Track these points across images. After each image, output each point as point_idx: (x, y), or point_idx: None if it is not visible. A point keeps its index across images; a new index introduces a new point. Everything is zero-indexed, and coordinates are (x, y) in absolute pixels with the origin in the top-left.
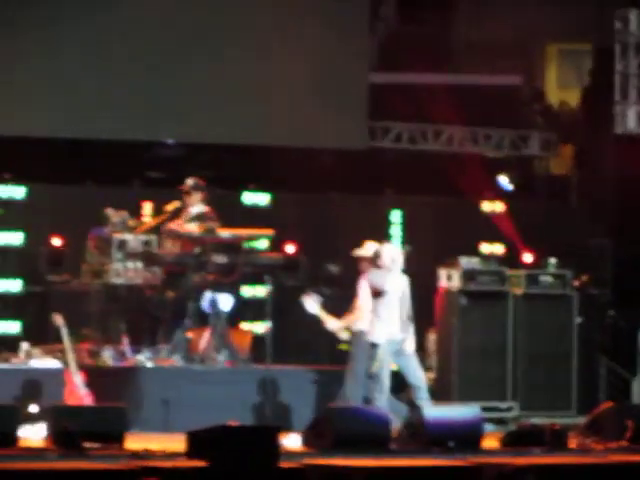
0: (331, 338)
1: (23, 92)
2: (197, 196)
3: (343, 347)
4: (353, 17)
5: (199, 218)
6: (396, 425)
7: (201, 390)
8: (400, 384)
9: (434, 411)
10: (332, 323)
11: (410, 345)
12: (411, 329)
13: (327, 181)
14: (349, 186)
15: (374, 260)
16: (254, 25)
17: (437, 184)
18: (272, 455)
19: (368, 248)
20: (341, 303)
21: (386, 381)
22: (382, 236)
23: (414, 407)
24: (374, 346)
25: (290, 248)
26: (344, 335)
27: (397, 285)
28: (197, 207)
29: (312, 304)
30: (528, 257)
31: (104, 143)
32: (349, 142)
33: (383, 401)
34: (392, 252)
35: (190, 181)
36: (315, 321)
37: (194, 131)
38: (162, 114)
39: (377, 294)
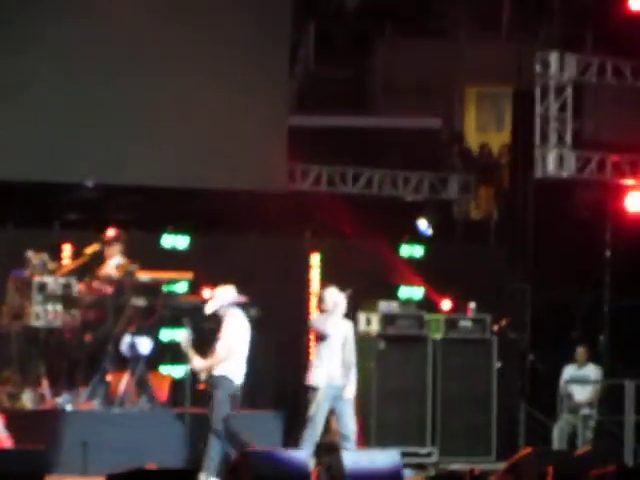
0: (253, 381)
1: None
2: (117, 247)
3: (201, 387)
4: (273, 59)
5: (118, 267)
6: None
7: (120, 433)
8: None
9: (354, 457)
10: (196, 362)
11: (349, 391)
12: (352, 375)
13: (246, 223)
14: (268, 228)
15: (318, 303)
16: (175, 66)
17: (356, 227)
18: None
19: (220, 295)
20: (260, 346)
21: (319, 425)
22: (302, 279)
23: (334, 452)
24: (314, 389)
25: (207, 292)
26: (203, 376)
27: (339, 329)
28: (116, 258)
29: (184, 340)
30: (446, 302)
31: (24, 185)
32: (268, 184)
33: (311, 444)
34: (335, 296)
35: (111, 232)
36: None
37: (113, 173)
38: (81, 156)
39: (320, 337)
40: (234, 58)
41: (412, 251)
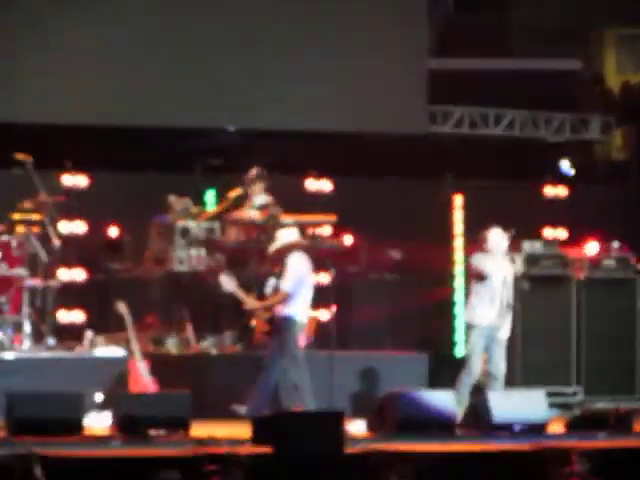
0: (392, 323)
1: (85, 81)
2: (260, 186)
3: (254, 324)
4: (412, 2)
5: (262, 208)
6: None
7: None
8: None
9: (499, 396)
10: (251, 303)
11: (504, 333)
12: (509, 316)
13: (388, 166)
14: (410, 171)
15: (480, 244)
16: (317, 12)
17: (498, 168)
18: (337, 441)
19: (284, 236)
20: (403, 288)
21: (476, 364)
22: (445, 221)
23: (480, 392)
24: (471, 327)
25: (348, 238)
26: (264, 316)
27: (500, 270)
28: (260, 197)
29: (229, 283)
30: (590, 243)
31: (165, 131)
32: (410, 127)
33: (468, 385)
34: (497, 236)
35: (254, 170)
36: (379, 307)
37: (255, 118)
38: (223, 101)
39: (479, 277)
40: (372, 2)
41: (555, 192)
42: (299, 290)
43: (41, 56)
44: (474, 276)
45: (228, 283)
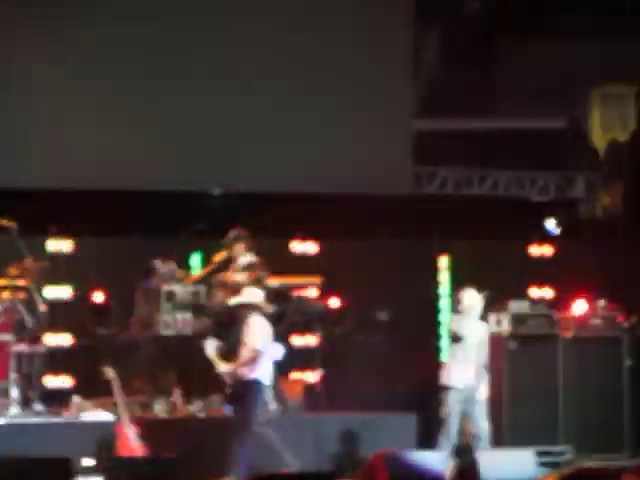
0: (384, 384)
1: (68, 144)
2: (241, 246)
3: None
4: (396, 64)
5: (248, 268)
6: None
7: (252, 440)
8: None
9: (488, 456)
10: (222, 367)
11: (482, 392)
12: (485, 376)
13: (374, 227)
14: (396, 232)
15: (454, 305)
16: (301, 75)
17: (483, 228)
18: None
19: (248, 295)
20: (391, 350)
21: (453, 427)
22: (430, 282)
23: (468, 453)
24: (447, 389)
25: (334, 301)
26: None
27: (475, 330)
28: (244, 258)
29: (210, 347)
30: (577, 302)
31: (149, 194)
32: (395, 188)
33: (447, 445)
34: (472, 297)
35: (232, 233)
36: (366, 368)
37: (239, 181)
38: (207, 165)
39: (454, 339)
40: (357, 63)
41: (541, 251)
42: (266, 352)
43: (24, 121)
44: (450, 337)
45: (209, 347)
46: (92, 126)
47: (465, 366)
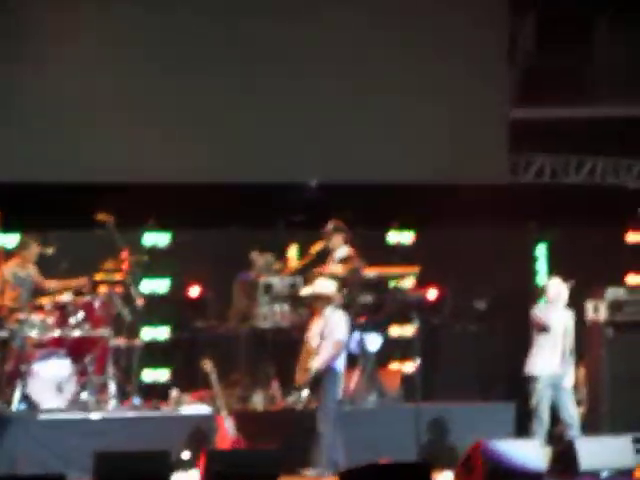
0: (481, 373)
1: (168, 138)
2: (339, 238)
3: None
4: (492, 52)
5: (344, 261)
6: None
7: (351, 430)
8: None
9: (586, 443)
10: (310, 364)
11: (569, 380)
12: (571, 364)
13: (470, 216)
14: (492, 221)
15: (541, 294)
16: (398, 62)
17: (580, 216)
18: None
19: (320, 285)
20: (488, 339)
21: (544, 414)
22: (527, 271)
23: (566, 440)
24: (534, 379)
25: (431, 291)
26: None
27: (561, 319)
28: (341, 250)
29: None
30: None
31: (246, 187)
32: (491, 177)
33: (541, 434)
34: (558, 286)
35: (330, 225)
36: (463, 358)
37: (336, 172)
38: (304, 156)
39: (541, 328)
40: (453, 50)
41: (638, 238)
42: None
43: (121, 116)
44: (536, 327)
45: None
46: (188, 120)
47: (551, 355)
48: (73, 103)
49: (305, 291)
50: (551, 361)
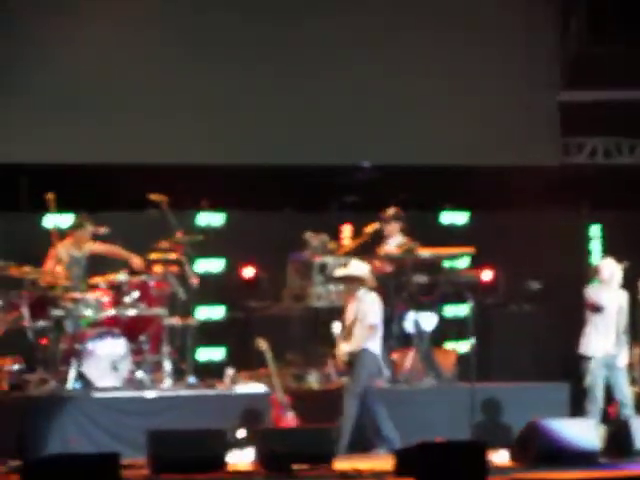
0: (536, 353)
1: (220, 121)
2: (396, 226)
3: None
4: (544, 36)
5: (399, 247)
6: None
7: (407, 410)
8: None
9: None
10: (343, 348)
11: (622, 360)
12: (625, 344)
13: (523, 199)
14: (545, 203)
15: (594, 275)
16: (446, 43)
17: (634, 197)
18: (481, 471)
19: (354, 267)
20: (542, 319)
21: (599, 394)
22: (581, 252)
23: (620, 420)
24: (588, 359)
25: (485, 271)
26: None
27: (615, 300)
28: (397, 238)
29: (336, 328)
30: None
31: (301, 169)
32: (543, 159)
33: (596, 413)
34: (611, 267)
35: (391, 211)
36: (517, 338)
37: (389, 153)
38: (357, 137)
39: (596, 309)
40: (503, 32)
41: None
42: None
43: (172, 100)
44: (590, 307)
45: (335, 328)
46: (241, 102)
47: (605, 335)
48: (122, 84)
49: (339, 272)
50: (605, 341)
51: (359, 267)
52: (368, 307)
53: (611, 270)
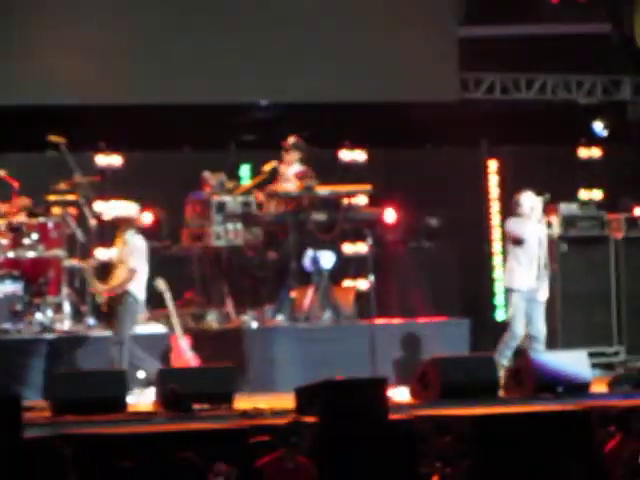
0: (436, 290)
1: (117, 60)
2: (295, 155)
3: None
4: None
5: (297, 176)
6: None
7: (306, 348)
8: None
9: (542, 357)
10: (98, 286)
11: (543, 294)
12: (546, 277)
13: (421, 135)
14: (444, 139)
15: (513, 208)
16: None
17: (532, 133)
18: (382, 408)
19: (122, 208)
20: (442, 256)
21: (519, 327)
22: (479, 187)
23: (522, 355)
24: (513, 292)
25: (384, 208)
26: (99, 298)
27: (535, 233)
28: (294, 167)
29: (88, 270)
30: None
31: (198, 107)
32: (442, 95)
33: (512, 347)
34: (531, 200)
35: (291, 139)
36: (417, 275)
37: (287, 91)
38: (254, 75)
39: (517, 242)
40: None
41: (589, 153)
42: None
43: (71, 36)
44: (511, 240)
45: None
46: (138, 40)
47: (528, 268)
48: (25, 20)
49: (107, 214)
50: (528, 275)
51: (127, 208)
52: (131, 250)
53: (531, 203)
